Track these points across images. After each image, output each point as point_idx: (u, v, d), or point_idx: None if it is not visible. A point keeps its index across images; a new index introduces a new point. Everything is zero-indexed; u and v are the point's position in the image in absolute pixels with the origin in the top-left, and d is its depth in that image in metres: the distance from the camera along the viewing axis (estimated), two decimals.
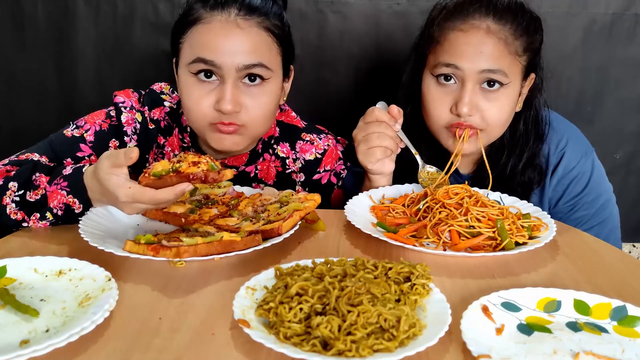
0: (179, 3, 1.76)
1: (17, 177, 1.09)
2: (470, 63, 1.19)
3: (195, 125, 1.24)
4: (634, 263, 1.01)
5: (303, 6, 1.77)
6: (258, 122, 1.23)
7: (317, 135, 1.42)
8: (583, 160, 1.34)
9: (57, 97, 1.88)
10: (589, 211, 1.35)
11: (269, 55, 1.21)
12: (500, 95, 1.22)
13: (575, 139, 1.35)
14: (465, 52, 1.19)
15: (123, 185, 0.95)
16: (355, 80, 1.85)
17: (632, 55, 1.81)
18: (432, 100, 1.26)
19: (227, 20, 1.17)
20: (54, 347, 0.69)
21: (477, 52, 1.19)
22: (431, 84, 1.26)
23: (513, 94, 1.24)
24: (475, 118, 1.23)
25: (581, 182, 1.34)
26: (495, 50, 1.19)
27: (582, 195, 1.34)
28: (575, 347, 0.73)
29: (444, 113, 1.25)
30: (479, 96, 1.22)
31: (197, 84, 1.19)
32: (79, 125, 1.27)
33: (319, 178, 1.42)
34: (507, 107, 1.24)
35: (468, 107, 1.20)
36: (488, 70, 1.19)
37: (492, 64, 1.19)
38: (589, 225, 1.34)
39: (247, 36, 1.17)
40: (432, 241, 1.06)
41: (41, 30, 1.82)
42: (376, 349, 0.68)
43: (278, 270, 0.86)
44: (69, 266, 0.89)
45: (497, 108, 1.23)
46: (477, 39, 1.19)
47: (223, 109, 1.16)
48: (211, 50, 1.16)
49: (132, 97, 1.32)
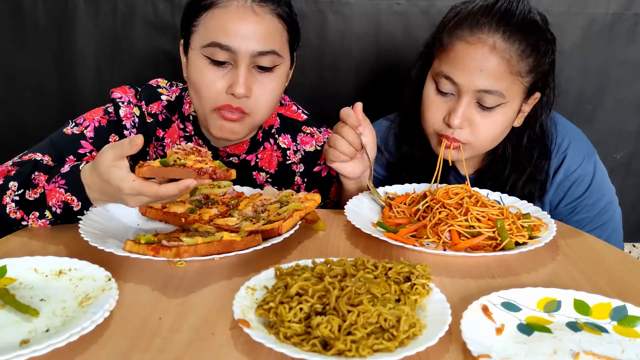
0: (179, 3, 1.77)
1: (17, 177, 1.10)
2: (468, 79, 1.17)
3: (202, 108, 1.24)
4: (634, 263, 1.01)
5: (303, 6, 1.77)
6: (264, 109, 1.25)
7: (317, 128, 1.44)
8: (585, 163, 1.33)
9: (57, 97, 1.88)
10: (590, 214, 1.34)
11: (280, 42, 1.22)
12: (495, 113, 1.20)
13: (577, 141, 1.34)
14: (466, 67, 1.17)
15: (127, 178, 0.95)
16: (356, 80, 1.86)
17: (632, 55, 1.81)
18: (429, 105, 1.25)
19: (244, 5, 1.18)
20: (54, 347, 0.69)
21: (477, 70, 1.16)
22: (431, 89, 1.26)
23: (509, 112, 1.23)
24: (465, 132, 1.22)
25: (582, 184, 1.33)
26: (496, 69, 1.16)
27: (583, 198, 1.33)
28: (575, 347, 0.73)
29: (438, 121, 1.24)
30: (473, 111, 1.21)
31: (210, 67, 1.19)
32: (78, 123, 1.28)
33: (319, 170, 1.43)
34: (500, 125, 1.23)
35: (460, 120, 1.20)
36: (484, 90, 1.17)
37: (489, 84, 1.17)
38: (590, 228, 1.33)
39: (263, 22, 1.19)
40: (432, 241, 1.06)
41: (41, 30, 1.82)
42: (376, 349, 0.68)
43: (278, 270, 0.86)
44: (69, 266, 0.89)
45: (490, 125, 1.22)
46: (481, 55, 1.17)
47: (236, 92, 1.17)
48: (227, 35, 1.17)
49: (128, 92, 1.34)
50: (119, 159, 0.96)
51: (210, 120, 1.24)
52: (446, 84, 1.21)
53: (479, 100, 1.19)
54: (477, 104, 1.20)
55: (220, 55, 1.18)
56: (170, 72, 1.33)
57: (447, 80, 1.20)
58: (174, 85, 1.39)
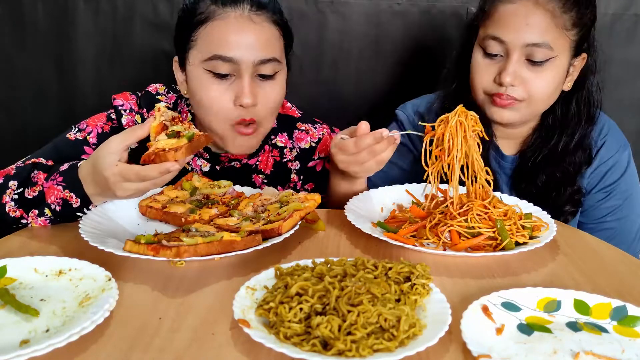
0: (179, 3, 1.76)
1: (16, 176, 1.11)
2: (515, 35, 1.20)
3: (217, 127, 1.23)
4: (634, 263, 1.01)
5: (303, 6, 1.77)
6: (271, 116, 1.26)
7: (312, 125, 1.45)
8: (621, 151, 1.37)
9: (57, 97, 1.88)
10: (620, 201, 1.37)
11: (279, 49, 1.23)
12: (545, 68, 1.22)
13: (615, 131, 1.39)
14: (511, 23, 1.21)
15: (111, 165, 0.98)
16: (355, 80, 1.85)
17: (632, 55, 1.81)
18: (478, 69, 1.27)
19: (242, 15, 1.18)
20: (54, 347, 0.69)
21: (523, 24, 1.20)
22: (479, 56, 1.28)
23: (560, 68, 1.24)
24: (518, 89, 1.23)
25: (618, 171, 1.36)
26: (542, 22, 1.20)
27: (618, 184, 1.36)
28: (575, 347, 0.73)
29: (488, 82, 1.26)
30: (523, 68, 1.22)
31: (213, 81, 1.19)
32: (81, 129, 1.28)
33: (313, 165, 1.44)
34: (552, 81, 1.24)
35: (511, 77, 1.21)
36: (533, 44, 1.20)
37: (537, 37, 1.19)
38: (619, 216, 1.36)
39: (261, 30, 1.19)
40: (432, 241, 1.06)
41: (41, 30, 1.82)
42: (376, 348, 0.68)
43: (278, 270, 0.86)
44: (69, 266, 0.89)
45: (542, 80, 1.23)
46: (525, 10, 1.20)
47: (244, 103, 1.18)
48: (228, 46, 1.17)
49: (130, 99, 1.34)
50: (126, 142, 1.00)
51: (227, 137, 1.24)
52: (494, 45, 1.23)
53: (528, 56, 1.21)
54: (527, 61, 1.22)
55: (222, 68, 1.17)
56: (170, 73, 1.32)
57: (495, 41, 1.23)
58: (171, 92, 1.39)
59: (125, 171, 0.97)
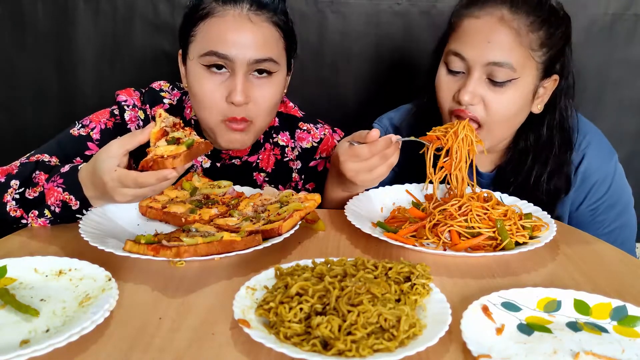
0: (179, 3, 1.76)
1: (18, 175, 1.11)
2: (477, 52, 1.16)
3: (208, 120, 1.24)
4: (634, 263, 1.01)
5: (303, 6, 1.78)
6: (265, 115, 1.26)
7: (314, 125, 1.45)
8: (605, 164, 1.31)
9: (57, 97, 1.88)
10: (610, 214, 1.33)
11: (277, 50, 1.23)
12: (507, 89, 1.18)
13: (597, 142, 1.32)
14: (474, 40, 1.17)
15: (110, 169, 0.98)
16: (355, 80, 1.85)
17: (632, 55, 1.81)
18: (440, 86, 1.24)
19: (240, 14, 1.19)
20: (54, 347, 0.69)
21: (485, 41, 1.15)
22: (442, 71, 1.25)
23: (523, 89, 1.20)
24: (478, 109, 1.20)
25: (604, 185, 1.31)
26: (505, 40, 1.15)
27: (604, 199, 1.32)
28: (575, 347, 0.73)
29: (448, 99, 1.23)
30: (484, 87, 1.18)
31: (208, 76, 1.21)
32: (84, 124, 1.29)
33: (314, 165, 1.44)
34: (514, 103, 1.20)
35: (469, 95, 1.17)
36: (494, 63, 1.15)
37: (499, 56, 1.15)
38: (611, 228, 1.32)
39: (259, 30, 1.20)
40: (432, 241, 1.06)
41: (41, 31, 1.82)
42: (376, 348, 0.68)
43: (278, 270, 0.86)
44: (69, 266, 0.89)
45: (502, 102, 1.18)
46: (488, 26, 1.16)
47: (235, 100, 1.18)
48: (224, 44, 1.18)
49: (133, 95, 1.34)
50: (126, 146, 1.00)
51: (217, 132, 1.25)
52: (456, 62, 1.20)
53: (490, 75, 1.17)
54: (488, 80, 1.18)
55: (217, 65, 1.19)
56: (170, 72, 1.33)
57: (457, 57, 1.19)
58: (175, 89, 1.39)
59: (124, 177, 0.97)
